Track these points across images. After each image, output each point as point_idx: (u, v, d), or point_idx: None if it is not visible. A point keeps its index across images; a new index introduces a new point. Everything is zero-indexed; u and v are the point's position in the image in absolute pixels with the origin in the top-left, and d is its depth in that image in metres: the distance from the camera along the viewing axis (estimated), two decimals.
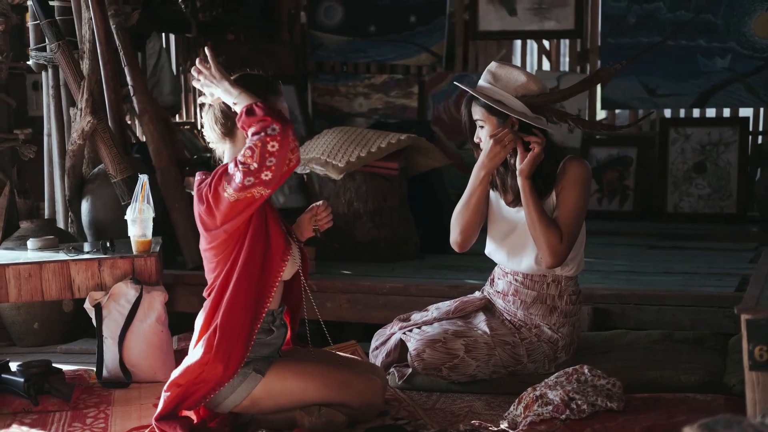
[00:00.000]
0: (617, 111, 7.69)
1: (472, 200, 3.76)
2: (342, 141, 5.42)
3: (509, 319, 3.78)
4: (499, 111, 3.65)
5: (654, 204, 7.23)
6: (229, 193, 3.08)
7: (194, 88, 7.42)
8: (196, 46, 7.35)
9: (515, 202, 3.73)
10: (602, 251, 5.73)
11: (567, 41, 7.84)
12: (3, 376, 3.87)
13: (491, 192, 3.83)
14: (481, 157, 3.71)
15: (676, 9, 7.26)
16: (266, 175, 3.04)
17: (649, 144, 7.40)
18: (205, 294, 3.34)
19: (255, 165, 3.03)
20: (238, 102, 3.14)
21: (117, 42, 5.26)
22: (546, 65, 7.94)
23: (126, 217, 4.26)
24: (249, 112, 3.07)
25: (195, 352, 3.24)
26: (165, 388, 3.26)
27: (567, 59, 7.87)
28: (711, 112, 7.48)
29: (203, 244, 3.30)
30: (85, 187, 5.22)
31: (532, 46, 7.97)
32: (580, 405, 3.10)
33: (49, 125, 5.63)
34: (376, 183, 5.41)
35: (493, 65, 3.74)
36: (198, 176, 3.25)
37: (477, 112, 3.72)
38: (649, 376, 3.58)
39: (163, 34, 7.06)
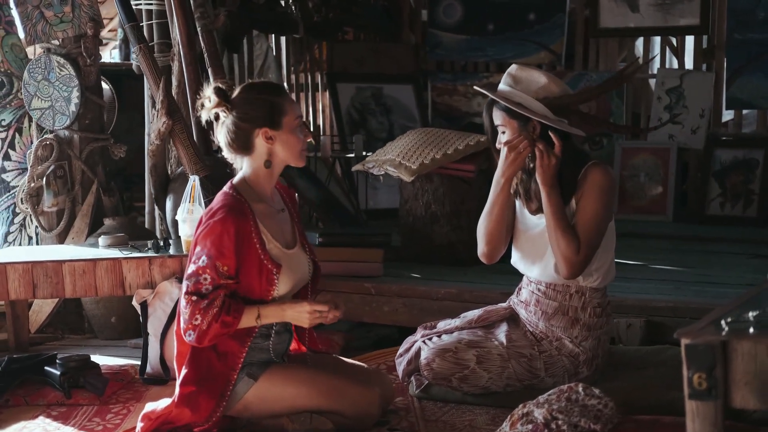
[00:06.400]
0: (744, 111, 7.26)
1: (494, 209, 3.63)
2: (420, 142, 5.33)
3: (531, 330, 3.63)
4: (520, 114, 3.51)
5: None
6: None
7: (300, 89, 7.52)
8: (308, 47, 7.42)
9: (539, 209, 3.57)
10: (693, 259, 5.43)
11: (692, 38, 7.43)
12: (46, 368, 4.03)
13: (516, 201, 3.69)
14: (499, 165, 3.58)
15: None
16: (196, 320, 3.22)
17: None
18: None
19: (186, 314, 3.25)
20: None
21: (201, 44, 5.37)
22: (673, 63, 7.57)
23: (176, 217, 4.34)
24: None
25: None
26: (140, 417, 3.33)
27: (692, 56, 7.46)
28: None
29: None
30: (169, 186, 5.36)
31: (655, 42, 7.62)
32: (560, 425, 2.94)
33: (149, 125, 5.82)
34: (454, 185, 5.29)
35: (513, 68, 3.61)
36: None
37: (498, 117, 3.59)
38: (669, 396, 3.36)
39: (273, 35, 7.15)
